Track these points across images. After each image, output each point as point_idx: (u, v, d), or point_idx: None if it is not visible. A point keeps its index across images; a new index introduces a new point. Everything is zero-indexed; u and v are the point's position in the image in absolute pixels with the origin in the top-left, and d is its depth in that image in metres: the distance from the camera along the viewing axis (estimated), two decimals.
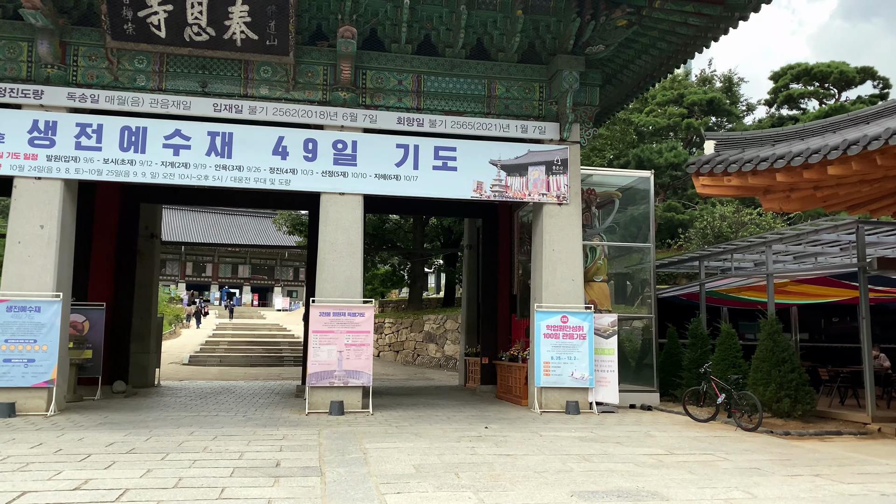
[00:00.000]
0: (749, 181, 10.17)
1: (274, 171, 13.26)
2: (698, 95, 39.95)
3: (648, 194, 15.89)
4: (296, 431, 10.39)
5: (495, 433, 10.46)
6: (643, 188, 16.10)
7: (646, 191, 15.98)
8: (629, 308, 18.12)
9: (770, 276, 14.17)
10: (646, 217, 16.10)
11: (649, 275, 15.98)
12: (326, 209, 13.44)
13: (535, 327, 13.71)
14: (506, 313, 18.26)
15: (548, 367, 13.59)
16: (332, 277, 13.23)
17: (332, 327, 12.98)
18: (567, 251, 14.09)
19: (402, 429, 10.82)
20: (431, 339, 29.11)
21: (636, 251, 17.24)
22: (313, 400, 12.85)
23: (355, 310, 13.09)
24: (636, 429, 11.27)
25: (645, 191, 16.04)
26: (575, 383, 13.60)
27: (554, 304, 13.88)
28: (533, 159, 14.16)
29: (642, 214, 16.29)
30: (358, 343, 13.02)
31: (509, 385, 15.89)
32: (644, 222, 16.21)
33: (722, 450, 9.32)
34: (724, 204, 27.09)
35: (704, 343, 14.94)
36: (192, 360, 27.48)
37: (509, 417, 12.55)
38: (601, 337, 14.10)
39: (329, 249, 13.30)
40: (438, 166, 13.77)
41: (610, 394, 13.80)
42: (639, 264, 17.51)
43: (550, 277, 13.98)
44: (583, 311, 13.88)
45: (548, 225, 14.11)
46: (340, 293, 13.19)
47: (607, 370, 13.91)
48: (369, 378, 12.99)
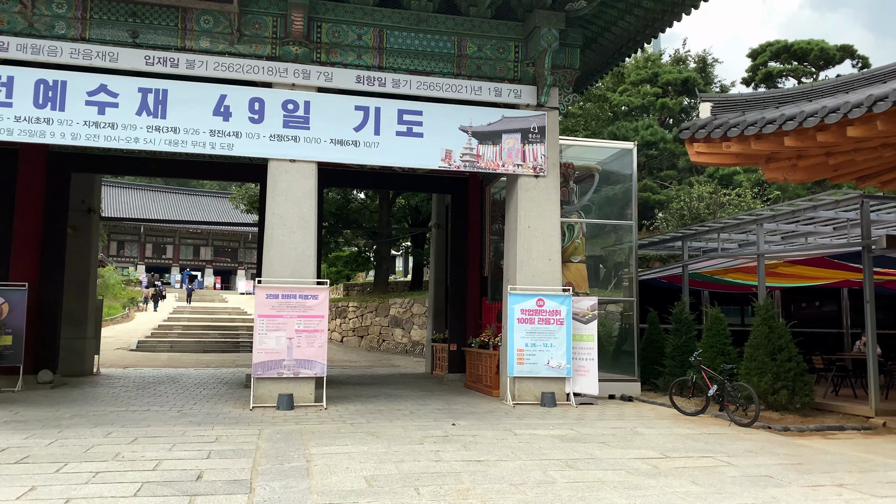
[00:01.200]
0: (752, 147, 8.99)
1: (215, 133, 11.69)
2: (673, 75, 39.00)
3: (631, 168, 14.66)
4: (233, 431, 8.96)
5: (464, 431, 9.16)
6: (625, 161, 14.86)
7: (628, 164, 14.75)
8: (602, 292, 16.98)
9: (761, 257, 13.10)
10: (627, 193, 14.90)
11: (631, 255, 14.79)
12: (275, 178, 11.93)
13: (508, 311, 12.44)
14: (476, 297, 16.98)
15: (522, 355, 12.34)
16: (282, 256, 11.76)
17: (281, 311, 11.54)
18: (544, 228, 12.82)
19: (358, 427, 9.46)
20: (397, 324, 27.77)
21: (615, 230, 16.06)
22: (259, 393, 11.42)
23: (308, 292, 11.65)
24: (620, 425, 10.08)
25: (627, 164, 14.81)
26: (551, 373, 12.39)
27: (529, 285, 12.61)
28: (507, 126, 12.80)
29: (623, 190, 15.09)
30: (310, 329, 11.60)
31: (479, 374, 14.64)
32: (625, 199, 15.01)
33: (721, 451, 8.16)
34: (702, 184, 26.13)
35: (689, 329, 13.84)
36: (141, 346, 25.73)
37: (479, 411, 11.28)
38: (580, 322, 12.89)
39: (278, 224, 11.81)
40: (402, 132, 12.34)
41: (589, 384, 12.62)
42: (618, 244, 16.35)
43: (525, 257, 12.70)
44: (560, 294, 12.64)
45: (523, 199, 12.80)
46: (291, 273, 11.74)
47: (586, 358, 12.72)
48: (323, 368, 11.60)
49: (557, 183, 13.02)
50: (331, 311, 31.75)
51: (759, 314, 11.45)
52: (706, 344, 12.72)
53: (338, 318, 30.89)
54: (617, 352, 15.43)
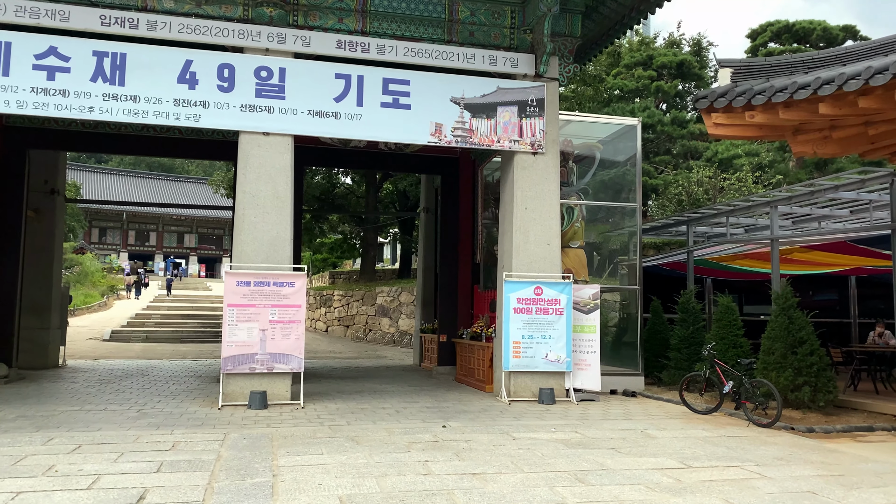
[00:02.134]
0: (780, 116, 8.00)
1: (180, 103, 10.53)
2: (668, 58, 37.99)
3: (635, 146, 13.62)
4: (194, 436, 7.89)
5: (456, 435, 8.15)
6: (628, 139, 13.83)
7: (631, 142, 13.71)
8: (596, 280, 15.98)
9: (776, 242, 12.14)
10: (630, 174, 13.87)
11: (632, 241, 13.78)
12: (247, 153, 10.80)
13: (504, 300, 11.42)
14: (467, 285, 15.95)
15: (518, 348, 11.33)
16: (254, 238, 10.66)
17: (253, 300, 10.45)
18: (542, 210, 11.78)
19: (337, 430, 8.42)
20: (384, 313, 26.72)
21: (614, 214, 15.06)
22: (230, 390, 10.35)
23: (283, 279, 10.57)
24: (629, 426, 9.10)
25: (630, 143, 13.77)
26: (550, 367, 11.39)
27: (526, 272, 11.59)
28: (503, 98, 11.72)
29: (626, 171, 14.06)
30: (286, 320, 10.52)
31: (471, 367, 13.63)
32: (628, 180, 13.99)
33: (748, 458, 7.20)
34: (700, 169, 25.19)
35: (697, 319, 12.89)
36: (115, 336, 24.53)
37: (472, 410, 10.27)
38: (581, 312, 11.89)
39: (249, 203, 10.70)
40: (388, 103, 11.23)
41: (591, 379, 11.64)
42: (617, 229, 15.36)
43: (522, 241, 11.66)
44: (560, 282, 11.62)
45: (520, 178, 11.75)
46: (264, 258, 10.64)
47: (588, 351, 11.73)
48: (300, 363, 10.54)
49: (557, 161, 11.97)
50: (315, 300, 30.63)
51: (777, 303, 10.50)
52: (717, 335, 11.77)
53: (322, 307, 29.80)
54: (617, 343, 14.47)
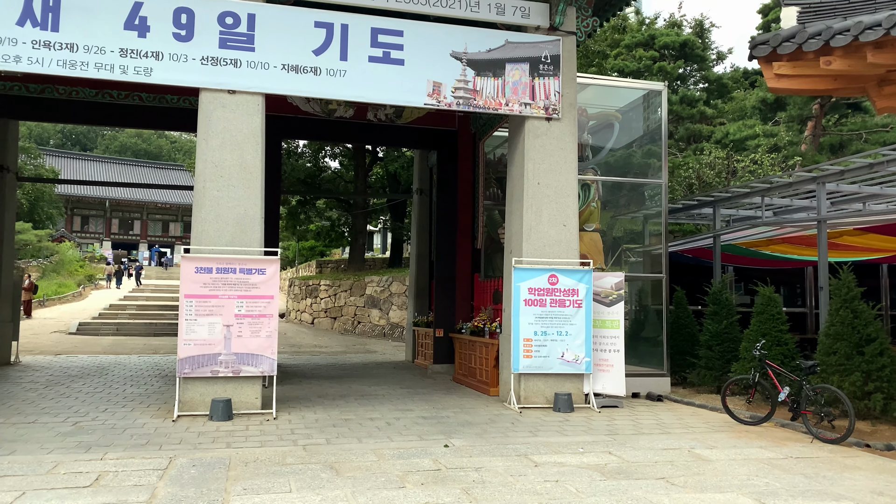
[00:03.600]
0: (870, 60, 6.39)
1: (127, 53, 8.76)
2: (670, 38, 36.34)
3: (659, 115, 11.96)
4: (131, 462, 6.21)
5: (462, 460, 6.50)
6: (652, 107, 12.17)
7: (656, 110, 12.05)
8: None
9: (823, 224, 10.54)
10: (654, 146, 12.21)
11: (658, 222, 12.14)
12: (209, 114, 9.06)
13: (513, 291, 9.77)
14: (466, 273, 14.28)
15: (529, 346, 9.69)
16: (217, 217, 8.94)
17: (215, 290, 8.74)
18: (558, 185, 10.12)
19: (313, 452, 6.75)
20: (374, 305, 25.04)
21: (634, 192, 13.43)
22: (188, 397, 8.66)
23: (252, 265, 8.86)
24: (672, 444, 7.48)
25: (654, 111, 12.11)
26: (566, 368, 9.77)
27: (539, 258, 9.94)
28: (512, 54, 10.02)
29: (649, 142, 12.40)
30: (255, 313, 8.83)
31: (472, 367, 11.99)
32: (652, 153, 12.34)
33: (841, 493, 5.60)
34: (713, 150, 23.58)
35: (731, 312, 11.29)
36: (83, 329, 22.72)
37: (478, 420, 8.62)
38: (602, 304, 10.25)
39: (212, 175, 8.97)
40: (377, 57, 9.50)
41: (613, 382, 10.02)
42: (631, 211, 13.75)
43: (534, 221, 10.00)
44: (578, 269, 9.98)
45: (532, 148, 10.07)
46: (229, 240, 8.93)
47: (610, 350, 10.11)
48: (272, 364, 8.85)
49: (575, 128, 10.31)
50: (301, 291, 28.88)
51: (837, 295, 8.89)
52: (757, 331, 10.18)
53: (308, 298, 28.07)
54: (637, 339, 12.85)
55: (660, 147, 11.89)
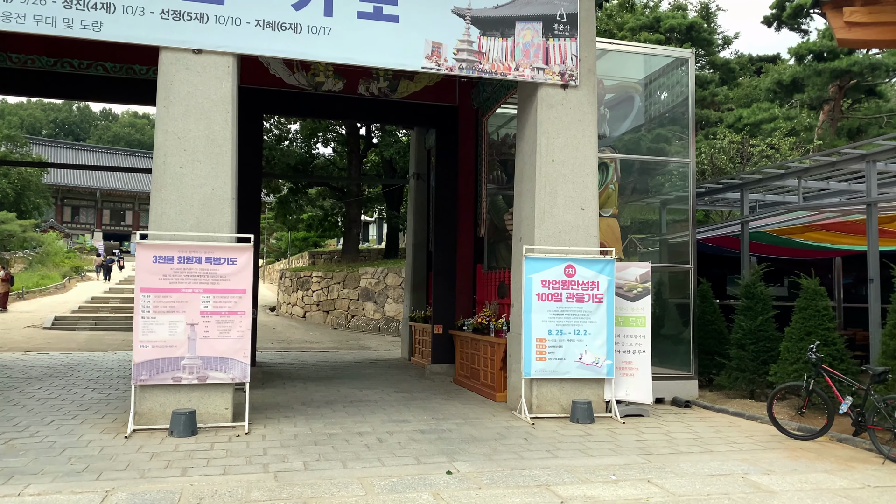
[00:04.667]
0: None
1: (72, 4, 7.45)
2: (677, 20, 35.03)
3: (685, 87, 10.68)
4: (55, 497, 4.95)
5: (469, 492, 5.25)
6: (677, 77, 10.88)
7: (681, 81, 10.77)
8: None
9: (874, 207, 9.29)
10: (679, 121, 10.96)
11: (681, 206, 10.88)
12: (170, 78, 7.75)
13: (524, 284, 8.50)
14: (468, 264, 13.02)
15: (543, 347, 8.44)
16: (180, 197, 7.65)
17: (177, 283, 7.47)
18: (575, 163, 8.85)
19: (285, 483, 5.50)
20: (369, 297, 23.78)
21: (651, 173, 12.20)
22: (145, 407, 7.40)
23: (220, 253, 7.58)
24: (718, 467, 6.24)
25: (679, 82, 10.83)
26: (585, 372, 8.52)
27: (553, 246, 8.68)
28: (523, 10, 8.72)
29: (672, 115, 11.14)
30: (225, 310, 7.56)
31: (475, 368, 10.75)
32: (676, 127, 11.08)
33: None
34: (728, 134, 22.30)
35: (766, 307, 10.05)
36: (58, 324, 21.41)
37: (485, 436, 7.38)
38: (625, 299, 9.00)
39: (174, 148, 7.68)
40: (367, 13, 8.19)
41: (638, 388, 8.77)
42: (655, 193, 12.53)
43: (548, 204, 8.73)
44: (599, 258, 8.72)
45: (545, 120, 8.79)
46: (194, 224, 7.64)
47: (635, 351, 8.86)
48: (245, 369, 7.59)
49: (594, 96, 9.02)
50: (292, 283, 27.59)
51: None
52: (800, 329, 8.96)
53: (300, 291, 26.79)
54: (657, 337, 11.58)
55: (686, 122, 10.61)
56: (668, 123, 11.75)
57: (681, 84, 10.78)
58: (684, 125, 10.66)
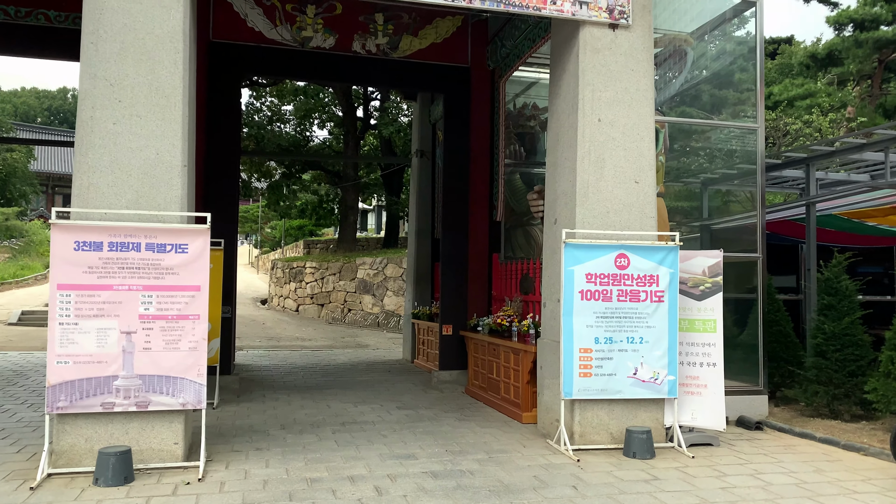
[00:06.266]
0: None
1: None
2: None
3: (751, 36, 8.77)
4: None
5: None
6: (739, 26, 8.99)
7: (745, 30, 8.87)
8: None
9: None
10: (742, 79, 9.09)
11: (755, 180, 9.01)
12: (99, 3, 5.85)
13: (563, 278, 6.63)
14: (482, 253, 11.14)
15: (588, 360, 6.58)
16: (113, 163, 5.75)
17: (108, 277, 5.60)
18: (628, 123, 6.96)
19: None
20: (367, 290, 21.93)
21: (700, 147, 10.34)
22: (66, 444, 5.55)
23: (167, 237, 5.70)
24: None
25: (742, 32, 8.94)
26: (641, 391, 6.67)
27: (599, 229, 6.81)
28: None
29: (734, 75, 9.27)
30: (173, 314, 5.69)
31: (493, 378, 8.90)
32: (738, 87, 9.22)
33: None
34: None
35: (853, 306, 8.19)
36: (25, 319, 19.54)
37: (519, 484, 5.52)
38: (689, 297, 7.13)
39: (104, 98, 5.77)
40: None
41: (708, 410, 6.92)
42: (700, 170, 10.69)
43: (593, 177, 6.84)
44: (659, 246, 6.85)
45: (590, 68, 6.89)
46: (132, 200, 5.76)
47: (703, 363, 7.00)
48: (200, 392, 5.72)
49: (650, 39, 7.13)
50: (284, 274, 25.70)
51: None
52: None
53: (292, 282, 24.92)
54: None
55: (753, 79, 8.72)
56: (725, 85, 9.87)
57: (744, 33, 8.88)
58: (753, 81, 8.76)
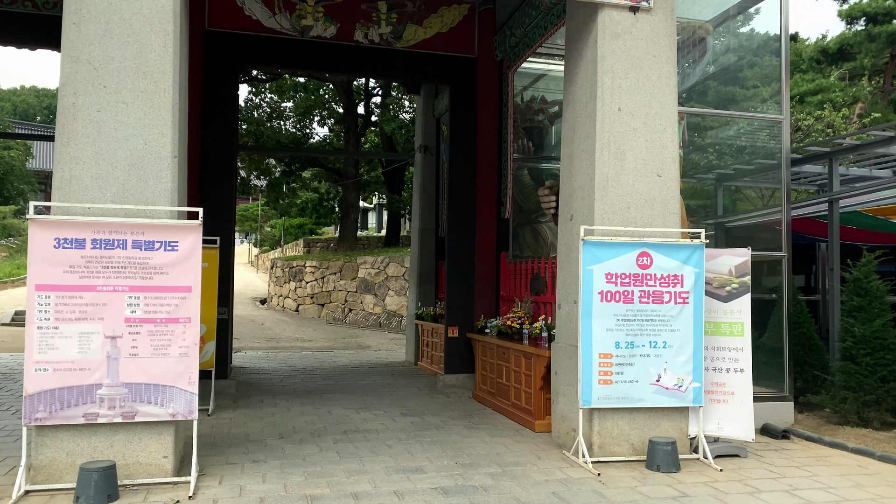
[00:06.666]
0: None
1: None
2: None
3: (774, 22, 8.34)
4: None
5: None
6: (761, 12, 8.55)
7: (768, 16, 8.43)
8: None
9: None
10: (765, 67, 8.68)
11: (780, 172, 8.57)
12: None
13: (582, 278, 6.19)
14: (489, 252, 10.71)
15: (608, 366, 6.14)
16: (98, 154, 5.32)
17: (91, 278, 5.17)
18: (649, 112, 6.53)
19: None
20: (368, 289, 21.49)
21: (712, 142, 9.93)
22: (45, 458, 5.12)
23: (156, 234, 5.27)
24: None
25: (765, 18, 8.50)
26: (664, 399, 6.23)
27: (619, 226, 6.37)
28: None
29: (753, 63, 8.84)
30: (162, 317, 5.25)
31: (503, 384, 8.47)
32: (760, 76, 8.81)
33: None
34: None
35: (884, 308, 7.76)
36: (19, 319, 19.09)
37: (536, 501, 5.09)
38: (715, 298, 6.70)
39: (88, 84, 5.34)
40: None
41: (735, 419, 6.49)
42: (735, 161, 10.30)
43: (613, 169, 6.41)
44: (683, 244, 6.41)
45: (610, 54, 6.45)
46: (117, 193, 5.32)
47: (729, 369, 6.57)
48: (191, 402, 5.29)
49: (673, 24, 6.69)
50: (284, 273, 25.27)
51: None
52: None
53: (292, 282, 24.49)
54: None
55: (777, 69, 8.29)
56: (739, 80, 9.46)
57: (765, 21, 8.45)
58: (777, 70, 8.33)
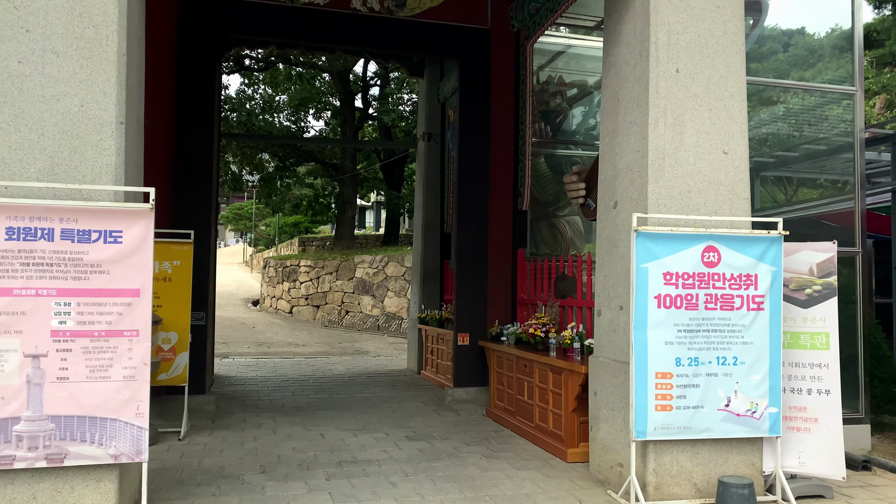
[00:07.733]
0: None
1: None
2: None
3: None
4: None
5: None
6: None
7: None
8: None
9: None
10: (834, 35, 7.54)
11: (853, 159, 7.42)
12: None
13: (635, 278, 4.97)
14: (505, 249, 9.48)
15: (667, 388, 4.94)
16: (18, 117, 4.10)
17: (5, 279, 3.94)
18: (713, 77, 5.32)
19: None
20: (366, 290, 20.29)
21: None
22: None
23: (94, 221, 4.05)
24: None
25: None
26: (734, 428, 5.03)
27: (678, 214, 5.16)
28: None
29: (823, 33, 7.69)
30: (101, 329, 4.03)
31: (524, 402, 7.26)
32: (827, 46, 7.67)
33: None
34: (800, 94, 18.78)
35: None
36: None
37: None
38: (792, 303, 5.49)
39: (7, 28, 4.12)
40: None
41: (821, 453, 5.28)
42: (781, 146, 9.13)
43: (671, 145, 5.20)
44: (756, 236, 5.20)
45: (664, 3, 5.25)
46: (45, 169, 4.10)
47: (812, 389, 5.37)
48: (140, 438, 4.07)
49: None
50: (277, 273, 24.02)
51: None
52: None
53: (286, 282, 23.26)
54: None
55: (848, 38, 7.13)
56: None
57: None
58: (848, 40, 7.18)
